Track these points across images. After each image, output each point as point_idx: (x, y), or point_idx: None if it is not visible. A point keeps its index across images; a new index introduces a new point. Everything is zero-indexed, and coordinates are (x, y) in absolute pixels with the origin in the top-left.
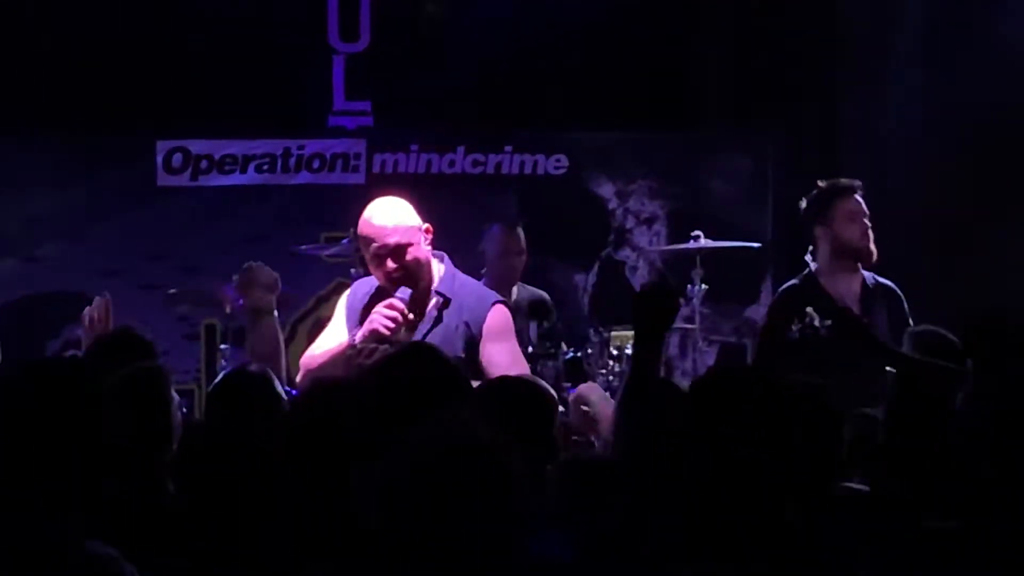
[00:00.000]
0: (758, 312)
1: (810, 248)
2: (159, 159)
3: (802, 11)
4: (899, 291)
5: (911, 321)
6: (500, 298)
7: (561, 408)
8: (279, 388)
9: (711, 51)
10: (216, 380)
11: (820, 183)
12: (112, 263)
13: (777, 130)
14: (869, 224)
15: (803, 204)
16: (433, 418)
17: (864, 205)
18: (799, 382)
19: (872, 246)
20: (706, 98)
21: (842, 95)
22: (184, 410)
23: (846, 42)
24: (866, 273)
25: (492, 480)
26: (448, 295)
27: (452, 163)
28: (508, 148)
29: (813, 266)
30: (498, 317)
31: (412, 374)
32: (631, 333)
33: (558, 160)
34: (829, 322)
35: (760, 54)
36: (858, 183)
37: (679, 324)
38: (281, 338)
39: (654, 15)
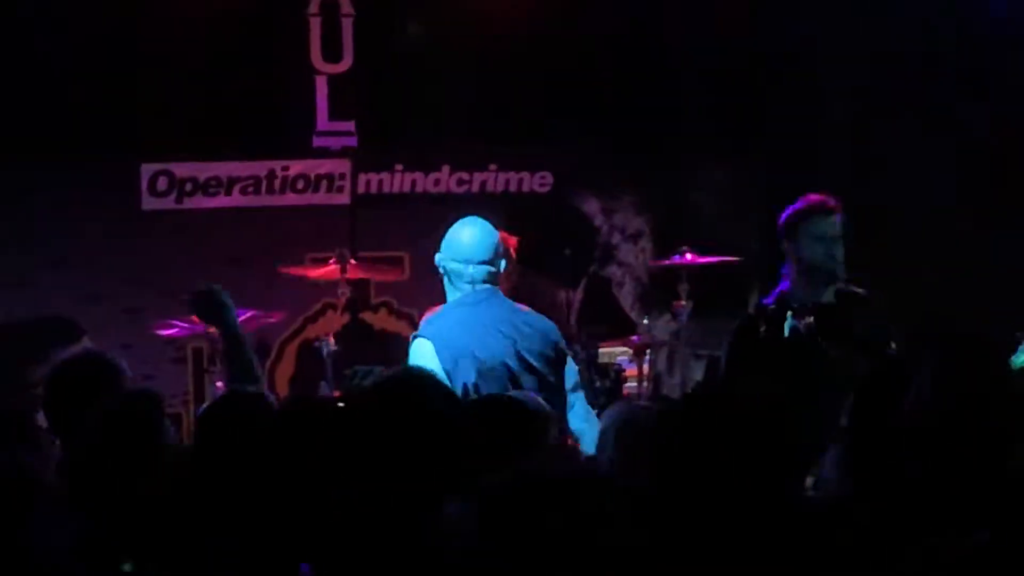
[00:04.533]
0: None
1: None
2: (144, 182)
3: (785, 25)
4: (868, 297)
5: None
6: None
7: None
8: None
9: (695, 66)
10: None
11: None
12: (97, 287)
13: (762, 144)
14: (840, 244)
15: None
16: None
17: (837, 224)
18: (759, 398)
19: (836, 266)
20: (690, 114)
21: (826, 108)
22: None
23: (828, 55)
24: (840, 287)
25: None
26: None
27: (437, 182)
28: (493, 166)
29: (784, 285)
30: None
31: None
32: (618, 350)
33: (543, 177)
34: (811, 319)
35: (744, 68)
36: (831, 202)
37: (666, 339)
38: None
39: (637, 30)
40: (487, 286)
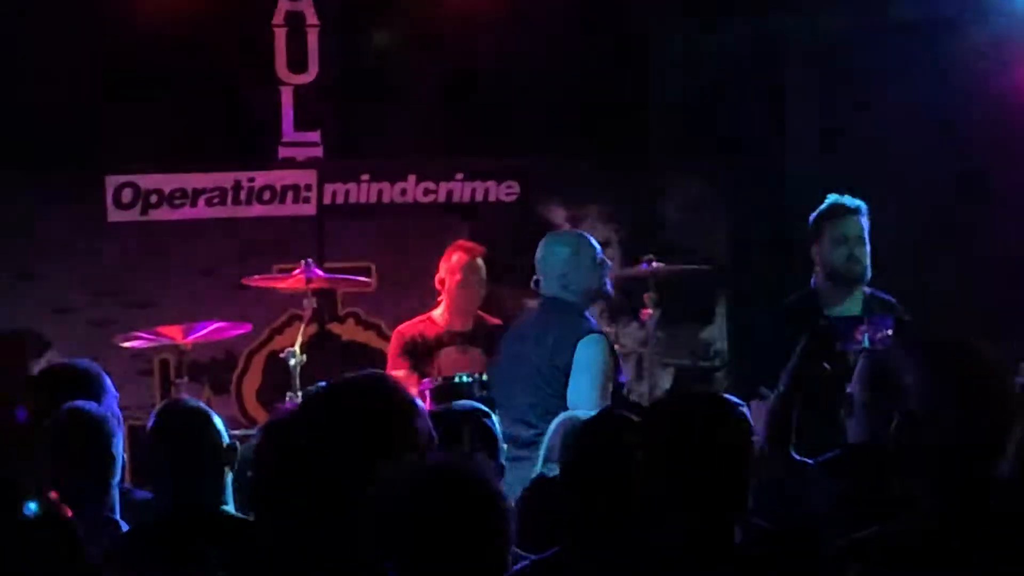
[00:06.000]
0: (712, 334)
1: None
2: (108, 194)
3: (750, 35)
4: (898, 305)
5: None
6: None
7: None
8: (217, 422)
9: (662, 74)
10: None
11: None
12: (63, 300)
13: (729, 152)
14: (864, 246)
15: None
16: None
17: (861, 226)
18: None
19: (859, 269)
20: (658, 121)
21: (792, 114)
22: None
23: (795, 62)
24: (867, 289)
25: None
26: None
27: (403, 192)
28: (459, 176)
29: (814, 282)
30: None
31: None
32: None
33: (509, 187)
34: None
35: (711, 76)
36: (855, 204)
37: (634, 348)
38: None
39: (605, 41)
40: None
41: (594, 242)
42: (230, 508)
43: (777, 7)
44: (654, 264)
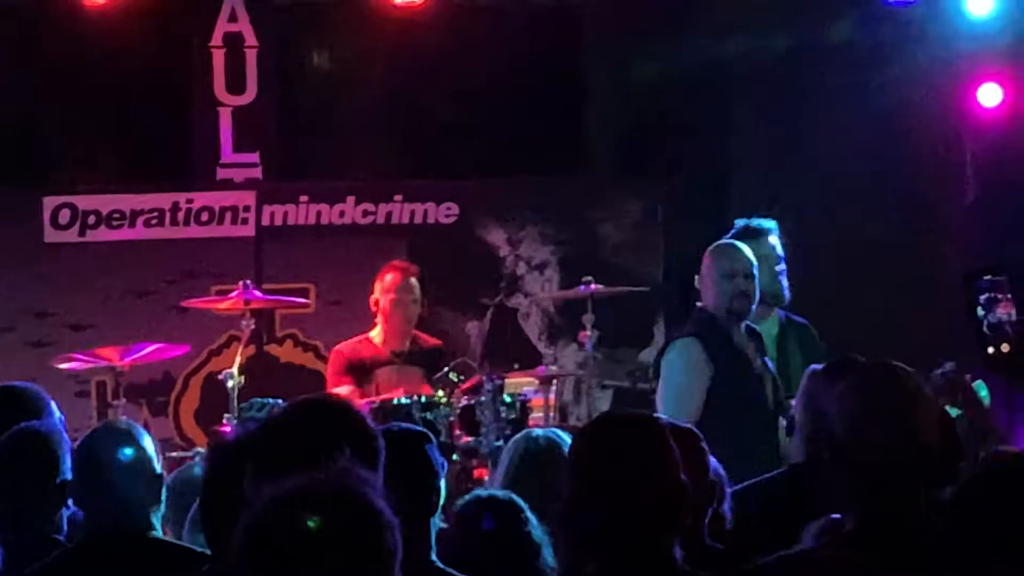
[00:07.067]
0: (650, 356)
1: None
2: (46, 215)
3: (690, 58)
4: (811, 327)
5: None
6: None
7: (454, 456)
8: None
9: (600, 96)
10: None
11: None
12: (1, 320)
13: (668, 173)
14: (776, 267)
15: None
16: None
17: (772, 247)
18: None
19: (773, 289)
20: (596, 143)
21: (732, 136)
22: None
23: (735, 84)
24: (780, 312)
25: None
26: None
27: (342, 214)
28: (398, 197)
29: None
30: None
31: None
32: (524, 380)
33: (448, 208)
34: None
35: (649, 98)
36: (766, 225)
37: (573, 369)
38: None
39: (542, 62)
40: None
41: (729, 256)
42: (158, 533)
43: (717, 30)
44: (593, 286)
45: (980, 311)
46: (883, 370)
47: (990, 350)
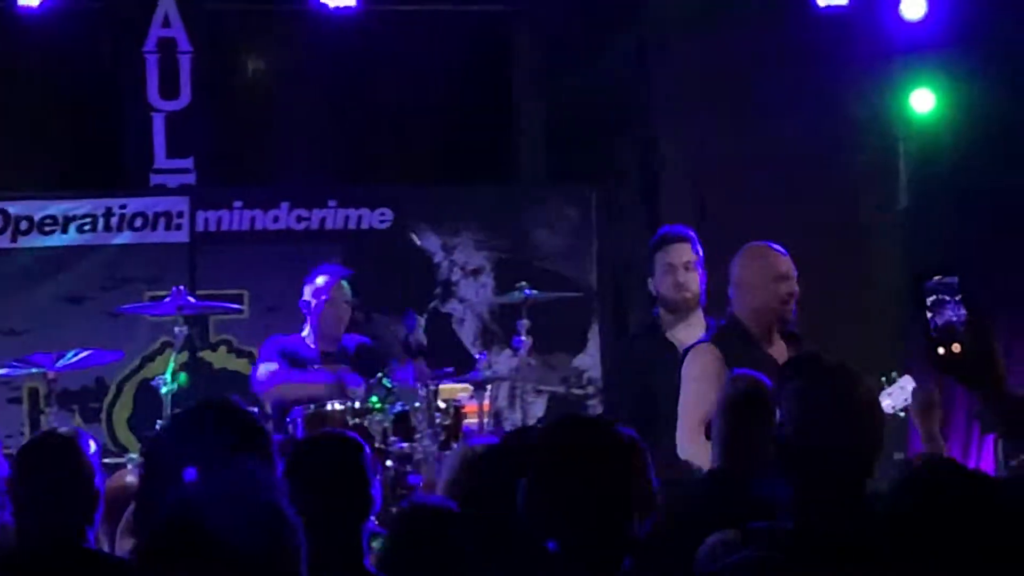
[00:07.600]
0: (585, 362)
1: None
2: None
3: (622, 62)
4: None
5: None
6: None
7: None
8: (86, 450)
9: (531, 101)
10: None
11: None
12: None
13: (600, 178)
14: (694, 273)
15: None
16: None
17: (689, 254)
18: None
19: (686, 296)
20: (528, 148)
21: (663, 142)
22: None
23: (662, 85)
24: (709, 319)
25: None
26: None
27: (276, 219)
28: (332, 203)
29: (656, 311)
30: None
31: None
32: (459, 387)
33: (383, 214)
34: None
35: (579, 103)
36: (681, 233)
37: (506, 375)
38: None
39: (474, 68)
40: None
41: (775, 258)
42: (91, 544)
43: (646, 36)
44: (527, 291)
45: (928, 313)
46: (838, 372)
47: (940, 351)
